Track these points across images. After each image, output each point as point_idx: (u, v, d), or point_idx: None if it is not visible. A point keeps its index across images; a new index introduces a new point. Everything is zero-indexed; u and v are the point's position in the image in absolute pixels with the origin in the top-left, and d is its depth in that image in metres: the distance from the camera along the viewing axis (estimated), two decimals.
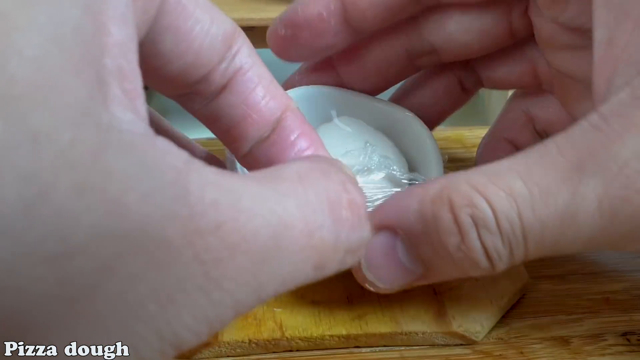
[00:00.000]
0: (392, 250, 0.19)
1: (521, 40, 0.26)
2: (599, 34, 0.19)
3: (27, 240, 0.09)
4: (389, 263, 0.19)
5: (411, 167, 0.27)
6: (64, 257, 0.10)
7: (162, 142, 0.12)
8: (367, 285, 0.20)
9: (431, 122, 0.31)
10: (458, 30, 0.26)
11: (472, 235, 0.17)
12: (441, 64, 0.28)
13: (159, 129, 0.21)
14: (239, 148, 0.19)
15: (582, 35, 0.23)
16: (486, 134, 0.31)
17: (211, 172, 0.12)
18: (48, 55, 0.11)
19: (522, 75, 0.28)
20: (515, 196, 0.17)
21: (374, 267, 0.20)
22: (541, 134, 0.29)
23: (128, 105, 0.12)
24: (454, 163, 0.28)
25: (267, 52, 0.25)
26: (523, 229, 0.17)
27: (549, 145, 0.18)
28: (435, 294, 0.25)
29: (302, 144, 0.19)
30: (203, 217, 0.11)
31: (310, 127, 0.19)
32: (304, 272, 0.14)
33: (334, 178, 0.15)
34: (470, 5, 0.25)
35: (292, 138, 0.18)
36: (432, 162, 0.27)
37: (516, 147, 0.29)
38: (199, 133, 0.27)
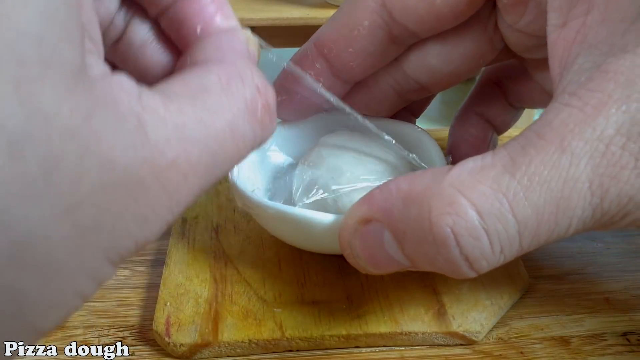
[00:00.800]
0: (381, 241, 0.19)
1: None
2: (553, 18, 0.19)
3: (50, 201, 0.12)
4: (379, 252, 0.19)
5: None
6: (74, 208, 0.13)
7: (117, 79, 0.14)
8: (359, 269, 0.21)
9: (416, 110, 0.31)
10: (440, 62, 0.26)
11: (451, 245, 0.17)
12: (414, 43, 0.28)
13: None
14: (157, 11, 0.21)
15: (541, 40, 0.23)
16: (459, 109, 0.31)
17: (159, 104, 0.14)
18: (47, 30, 0.12)
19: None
20: (505, 191, 0.16)
21: (364, 255, 0.20)
22: (514, 105, 0.29)
23: (93, 50, 0.14)
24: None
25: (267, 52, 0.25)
26: (517, 223, 0.17)
27: (528, 135, 0.17)
28: (435, 294, 0.25)
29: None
30: (162, 156, 0.14)
31: None
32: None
33: (250, 83, 0.17)
34: (447, 33, 0.25)
35: None
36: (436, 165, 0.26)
37: (486, 120, 0.30)
38: None
